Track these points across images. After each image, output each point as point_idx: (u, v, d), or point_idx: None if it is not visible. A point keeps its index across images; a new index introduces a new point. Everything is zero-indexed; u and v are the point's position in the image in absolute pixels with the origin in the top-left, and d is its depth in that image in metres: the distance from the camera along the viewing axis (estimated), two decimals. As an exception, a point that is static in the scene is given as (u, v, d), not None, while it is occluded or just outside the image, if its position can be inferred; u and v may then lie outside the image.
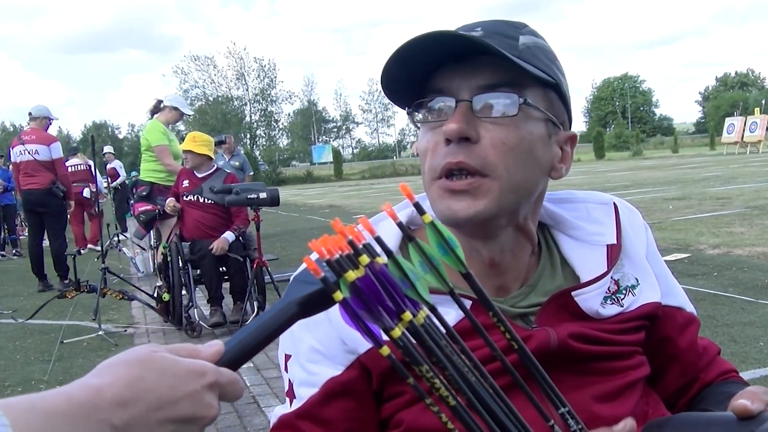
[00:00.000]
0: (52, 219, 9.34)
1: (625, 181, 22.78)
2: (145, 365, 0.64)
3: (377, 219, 1.08)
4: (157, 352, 0.66)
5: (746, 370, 4.22)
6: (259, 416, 4.20)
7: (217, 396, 0.68)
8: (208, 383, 0.66)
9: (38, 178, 9.01)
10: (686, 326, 1.22)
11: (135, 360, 0.65)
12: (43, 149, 9.06)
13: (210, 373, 0.67)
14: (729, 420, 0.92)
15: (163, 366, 0.65)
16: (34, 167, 9.01)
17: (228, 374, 0.69)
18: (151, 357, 0.65)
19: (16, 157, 9.08)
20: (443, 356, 0.67)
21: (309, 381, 1.08)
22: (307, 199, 28.68)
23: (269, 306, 2.85)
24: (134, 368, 0.64)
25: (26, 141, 9.05)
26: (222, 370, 0.68)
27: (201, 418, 0.66)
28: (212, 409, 0.67)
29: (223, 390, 0.68)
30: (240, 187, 6.23)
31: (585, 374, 1.07)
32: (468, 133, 0.99)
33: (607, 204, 1.20)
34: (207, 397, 0.66)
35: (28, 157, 8.99)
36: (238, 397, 0.71)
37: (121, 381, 0.62)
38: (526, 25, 1.09)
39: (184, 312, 6.33)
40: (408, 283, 0.66)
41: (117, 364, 0.64)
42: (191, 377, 0.65)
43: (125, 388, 0.62)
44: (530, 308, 1.10)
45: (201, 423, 0.66)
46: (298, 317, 0.70)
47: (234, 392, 0.70)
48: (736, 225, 10.19)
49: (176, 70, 77.11)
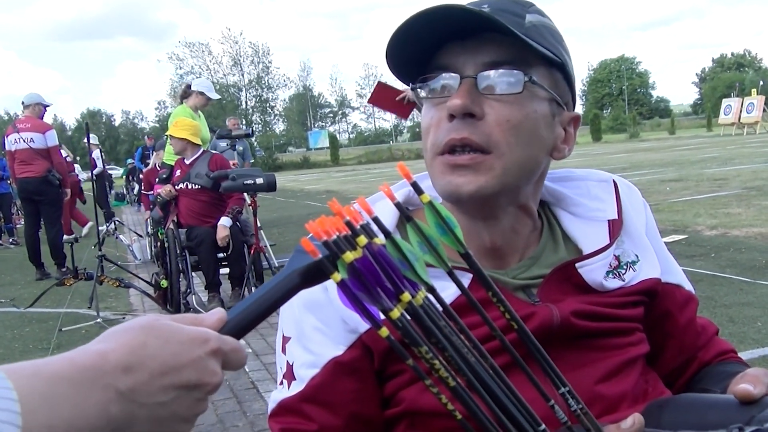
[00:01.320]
0: (49, 207, 9.32)
1: (623, 163, 22.78)
2: (148, 332, 0.64)
3: (375, 199, 1.07)
4: (160, 320, 0.66)
5: (745, 350, 4.23)
6: (258, 401, 4.20)
7: (221, 363, 0.68)
8: (211, 350, 0.66)
9: (34, 166, 8.97)
10: (685, 304, 1.22)
11: (139, 327, 0.64)
12: (39, 137, 9.03)
13: (213, 340, 0.67)
14: (731, 403, 0.91)
15: (166, 333, 0.65)
16: (29, 155, 8.97)
17: (231, 342, 0.69)
18: (154, 324, 0.65)
19: (11, 145, 9.02)
20: (442, 337, 0.67)
21: (310, 361, 1.07)
22: (303, 184, 28.68)
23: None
24: (138, 335, 0.64)
25: (21, 129, 9.00)
26: (225, 338, 0.68)
27: (205, 384, 0.66)
28: (216, 375, 0.66)
29: (226, 357, 0.68)
30: (236, 172, 6.22)
31: (586, 350, 1.07)
32: (472, 109, 0.98)
33: (607, 181, 1.20)
34: (210, 364, 0.66)
35: (23, 145, 8.94)
36: (241, 365, 0.71)
37: (126, 347, 0.62)
38: (533, 4, 1.08)
39: (182, 298, 6.33)
40: (406, 263, 0.66)
41: (121, 331, 0.64)
42: (194, 344, 0.65)
43: (129, 353, 0.62)
44: (532, 280, 1.09)
45: (205, 390, 0.66)
46: (301, 287, 0.70)
47: (237, 360, 0.70)
48: (733, 206, 10.19)
49: (171, 56, 76.94)
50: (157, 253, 7.33)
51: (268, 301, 0.70)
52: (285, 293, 0.70)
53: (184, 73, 74.11)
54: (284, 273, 0.70)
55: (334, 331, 1.06)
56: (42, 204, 9.24)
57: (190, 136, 6.55)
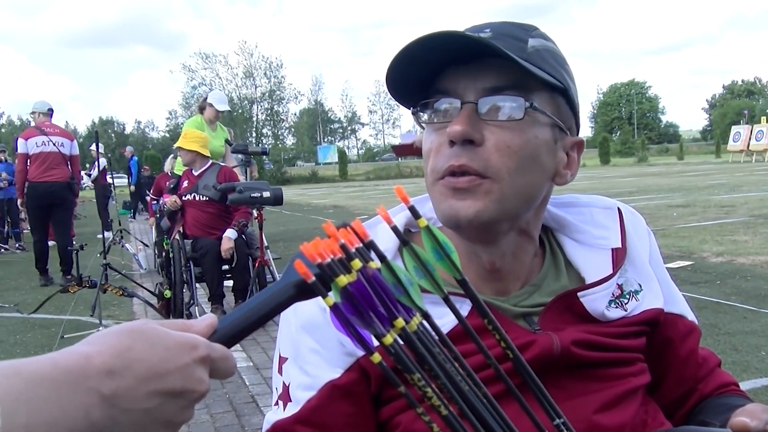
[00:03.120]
0: (65, 213, 9.41)
1: (630, 187, 22.74)
2: (135, 336, 0.63)
3: (374, 222, 1.07)
4: (148, 324, 0.65)
5: (748, 379, 4.20)
6: (257, 416, 4.18)
7: (208, 371, 0.66)
8: (199, 357, 0.65)
9: (59, 171, 9.05)
10: (687, 335, 1.21)
11: (126, 331, 0.63)
12: (68, 143, 9.19)
13: (201, 346, 0.65)
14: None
15: (153, 338, 0.63)
16: (58, 160, 9.05)
17: (220, 350, 0.68)
18: (142, 329, 0.64)
19: (35, 148, 8.98)
20: (435, 364, 0.66)
21: (306, 383, 1.06)
22: (311, 199, 28.68)
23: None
24: (124, 338, 0.63)
25: (50, 133, 9.07)
26: (214, 345, 0.67)
27: (190, 392, 0.64)
28: (202, 383, 0.65)
29: (214, 365, 0.67)
30: (243, 185, 6.21)
31: (586, 380, 1.06)
32: (472, 135, 0.98)
33: (611, 209, 1.19)
34: (197, 371, 0.65)
35: (52, 149, 9.00)
36: (229, 374, 0.70)
37: (111, 350, 0.61)
38: (537, 27, 1.08)
39: (185, 309, 6.33)
40: (401, 288, 0.65)
41: (108, 334, 0.63)
42: (182, 350, 0.64)
43: (114, 357, 0.61)
44: (534, 308, 1.09)
45: (190, 397, 0.65)
46: (295, 299, 0.69)
47: (225, 368, 0.69)
48: (740, 233, 10.16)
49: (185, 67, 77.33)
50: (161, 263, 7.34)
51: (261, 310, 0.69)
52: (279, 304, 0.69)
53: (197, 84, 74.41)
54: (279, 284, 0.69)
55: (331, 354, 1.06)
56: (58, 209, 9.28)
57: (199, 148, 6.58)
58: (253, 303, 0.70)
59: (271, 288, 0.70)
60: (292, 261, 0.67)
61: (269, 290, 0.70)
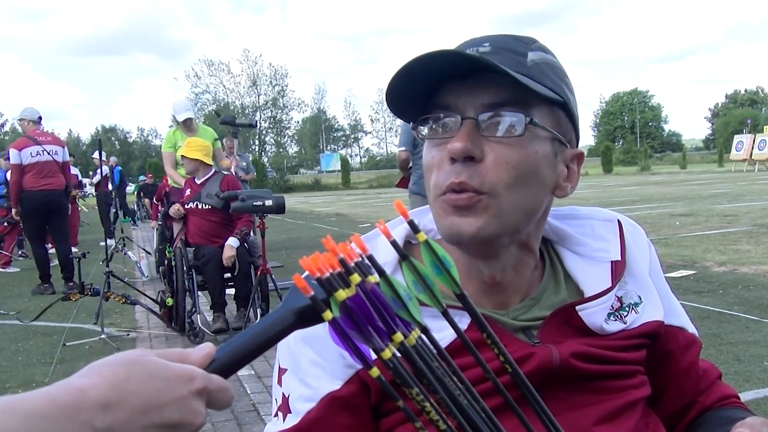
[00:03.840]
0: (62, 221, 9.43)
1: (633, 196, 22.74)
2: (132, 368, 0.63)
3: (374, 235, 1.07)
4: (145, 355, 0.65)
5: (750, 389, 4.19)
6: (258, 425, 4.18)
7: (205, 403, 0.66)
8: (196, 389, 0.65)
9: (56, 179, 9.08)
10: (688, 347, 1.21)
11: (122, 362, 0.63)
12: (61, 151, 9.21)
13: (198, 378, 0.65)
14: None
15: (150, 369, 0.63)
16: (54, 168, 9.07)
17: (217, 381, 0.67)
18: (138, 360, 0.64)
19: (30, 158, 8.98)
20: (434, 379, 0.66)
21: (306, 395, 1.06)
22: (313, 206, 28.71)
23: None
24: (120, 370, 0.62)
25: (43, 142, 9.08)
26: (211, 377, 0.67)
27: (187, 424, 0.64)
28: (199, 415, 0.65)
29: (211, 397, 0.67)
30: (246, 193, 6.22)
31: (586, 393, 1.06)
32: (472, 152, 0.98)
33: (612, 221, 1.19)
34: (194, 404, 0.64)
35: (47, 158, 9.01)
36: (226, 405, 0.70)
37: (107, 382, 0.61)
38: (536, 40, 1.08)
39: (187, 317, 6.33)
40: (400, 303, 0.65)
41: (104, 366, 0.63)
42: (179, 382, 0.64)
43: (110, 389, 0.61)
44: (533, 321, 1.08)
45: (186, 429, 0.64)
46: (295, 327, 0.69)
47: (223, 400, 0.68)
48: (742, 243, 10.15)
49: (188, 74, 77.52)
50: (163, 271, 7.35)
51: (260, 339, 0.69)
52: (278, 332, 0.68)
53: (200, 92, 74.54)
54: (279, 311, 0.69)
55: (331, 366, 1.05)
56: (56, 217, 9.30)
57: (202, 156, 6.61)
58: (251, 331, 0.69)
59: (271, 316, 0.69)
60: (293, 287, 0.66)
61: (268, 318, 0.69)
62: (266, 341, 0.69)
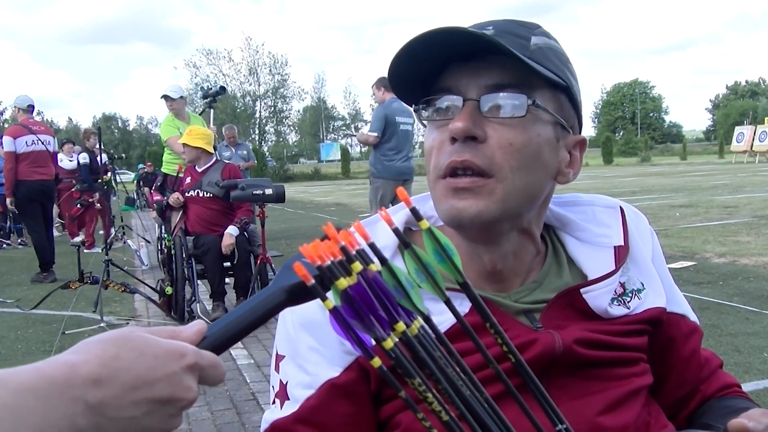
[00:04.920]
0: (51, 209, 9.50)
1: (633, 187, 22.74)
2: (123, 344, 0.63)
3: (374, 220, 1.06)
4: (136, 332, 0.65)
5: (750, 381, 4.19)
6: (258, 413, 4.18)
7: (197, 379, 0.66)
8: (187, 365, 0.65)
9: (48, 168, 9.12)
10: (689, 335, 1.21)
11: (113, 339, 0.63)
12: (52, 140, 9.22)
13: (190, 354, 0.65)
14: None
15: (141, 346, 0.63)
16: (45, 157, 9.08)
17: (209, 357, 0.67)
18: (129, 336, 0.64)
19: (25, 147, 8.96)
20: (436, 369, 0.65)
21: (306, 382, 1.05)
22: (313, 196, 28.71)
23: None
24: (111, 347, 0.62)
25: (37, 131, 9.07)
26: (203, 353, 0.67)
27: (178, 400, 0.64)
28: (190, 391, 0.65)
29: (203, 373, 0.67)
30: (245, 182, 6.22)
31: (589, 380, 1.05)
32: (474, 132, 0.97)
33: (614, 207, 1.18)
34: (185, 379, 0.64)
35: (41, 147, 9.01)
36: (218, 381, 0.70)
37: (97, 359, 0.61)
38: (539, 26, 1.07)
39: (186, 306, 6.33)
40: (402, 291, 0.64)
41: (95, 343, 0.63)
42: (170, 358, 0.64)
43: (101, 366, 0.61)
44: (535, 305, 1.08)
45: (178, 405, 0.64)
46: (286, 305, 0.68)
47: (215, 376, 0.68)
48: (742, 234, 10.15)
49: (188, 63, 77.37)
50: (163, 260, 7.36)
51: (252, 316, 0.68)
52: (269, 310, 0.68)
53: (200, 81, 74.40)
54: (270, 289, 0.69)
55: (330, 352, 1.05)
56: (47, 207, 9.36)
57: (204, 145, 6.62)
58: (242, 309, 0.69)
59: (262, 294, 0.69)
60: (288, 264, 0.66)
61: (259, 296, 0.69)
62: (258, 318, 0.69)
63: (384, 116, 7.72)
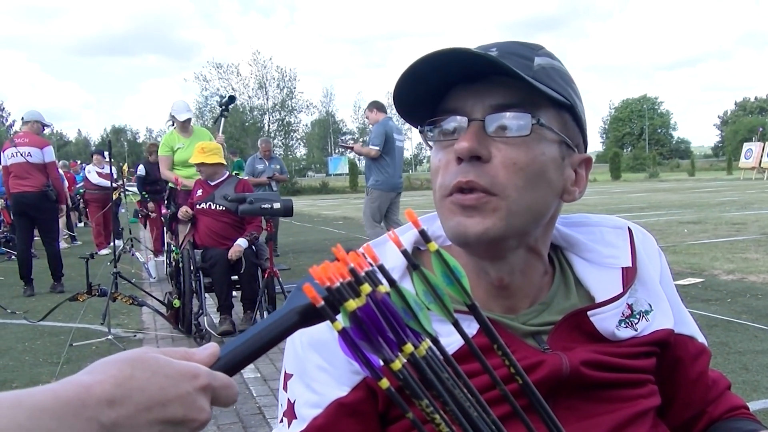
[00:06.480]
0: (46, 222, 9.49)
1: (641, 203, 22.69)
2: (136, 365, 0.63)
3: (383, 240, 1.07)
4: (150, 353, 0.66)
5: (758, 399, 4.16)
6: (264, 428, 4.17)
7: (210, 400, 0.67)
8: (200, 386, 0.65)
9: (30, 180, 9.09)
10: (697, 357, 1.20)
11: (127, 359, 0.64)
12: (36, 152, 9.17)
13: (203, 375, 0.66)
14: None
15: (155, 366, 0.64)
16: (26, 169, 9.09)
17: (222, 378, 0.68)
18: (143, 357, 0.64)
19: (7, 159, 9.13)
20: (444, 390, 0.65)
21: (313, 401, 1.06)
22: (321, 209, 28.71)
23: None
24: (125, 367, 0.63)
25: (18, 144, 9.15)
26: (216, 374, 0.68)
27: (191, 420, 0.65)
28: (203, 412, 0.66)
29: (215, 394, 0.67)
30: (254, 196, 6.25)
31: (597, 402, 1.05)
32: (479, 151, 0.98)
33: (622, 228, 1.19)
34: (199, 400, 0.65)
35: (20, 159, 9.06)
36: (231, 402, 0.70)
37: (112, 379, 0.62)
38: (542, 46, 1.08)
39: (193, 319, 6.34)
40: (410, 313, 0.65)
41: (109, 363, 0.64)
42: (183, 379, 0.65)
43: (115, 386, 0.61)
44: (543, 326, 1.08)
45: (191, 426, 0.65)
46: (299, 326, 0.69)
47: (227, 397, 0.69)
48: (751, 251, 10.11)
49: (198, 76, 77.69)
50: (171, 273, 7.38)
51: (265, 338, 0.69)
52: (282, 331, 0.69)
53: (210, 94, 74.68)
54: (283, 311, 0.69)
55: (338, 372, 1.05)
56: (39, 219, 9.40)
57: (220, 158, 6.78)
58: (255, 330, 0.70)
59: (275, 315, 0.70)
60: (299, 285, 0.67)
61: (272, 317, 0.70)
62: (270, 340, 0.69)
63: (384, 132, 8.52)
